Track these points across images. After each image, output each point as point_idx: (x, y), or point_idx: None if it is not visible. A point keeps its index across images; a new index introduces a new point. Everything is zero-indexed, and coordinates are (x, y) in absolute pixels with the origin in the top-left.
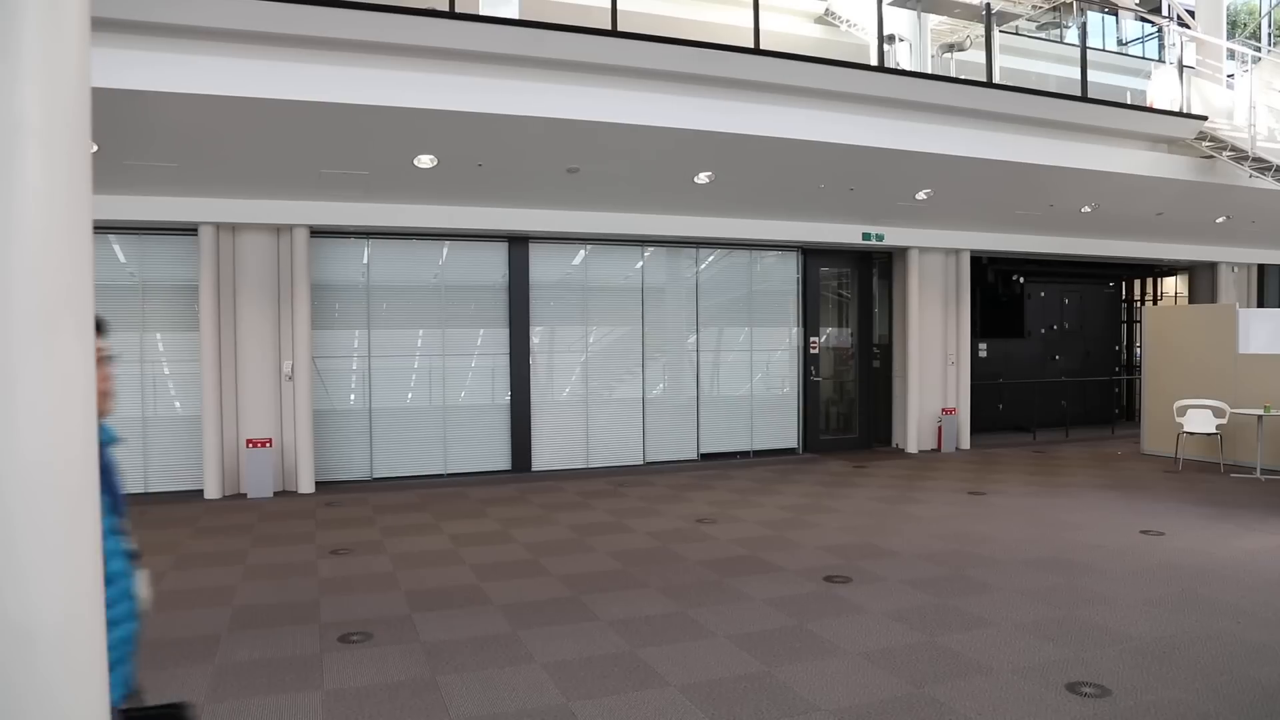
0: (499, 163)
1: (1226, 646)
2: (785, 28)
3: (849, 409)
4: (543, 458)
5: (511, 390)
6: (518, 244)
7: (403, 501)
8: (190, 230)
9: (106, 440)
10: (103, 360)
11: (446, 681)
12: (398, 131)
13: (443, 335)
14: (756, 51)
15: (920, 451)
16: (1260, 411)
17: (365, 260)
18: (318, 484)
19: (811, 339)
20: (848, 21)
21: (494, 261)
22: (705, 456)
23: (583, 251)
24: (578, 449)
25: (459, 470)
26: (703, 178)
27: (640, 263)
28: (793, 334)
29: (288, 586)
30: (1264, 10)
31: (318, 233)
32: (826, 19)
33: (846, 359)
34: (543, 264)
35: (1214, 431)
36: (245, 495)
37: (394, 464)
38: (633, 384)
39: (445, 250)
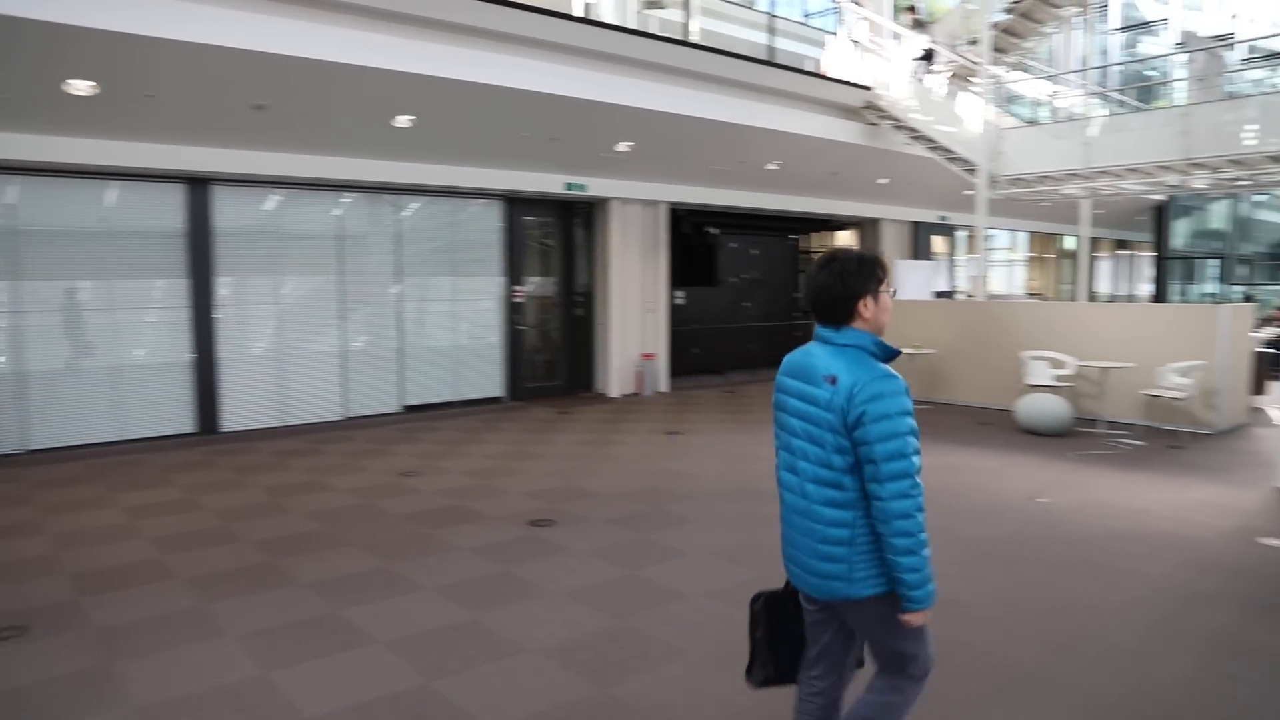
0: (172, 95)
1: None
2: None
3: (553, 357)
4: (233, 417)
5: (195, 346)
6: (198, 186)
7: (68, 474)
8: None
9: None
10: None
11: (124, 669)
12: (40, 50)
13: (111, 287)
14: None
15: (622, 396)
16: (911, 350)
17: (13, 201)
18: None
19: (516, 288)
20: None
21: (171, 205)
22: (410, 409)
23: (275, 196)
24: (272, 406)
25: (136, 436)
26: (403, 121)
27: (339, 209)
28: (498, 283)
29: None
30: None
31: None
32: None
33: (551, 308)
34: (229, 209)
35: None
36: None
37: (56, 433)
38: (332, 336)
39: (114, 191)
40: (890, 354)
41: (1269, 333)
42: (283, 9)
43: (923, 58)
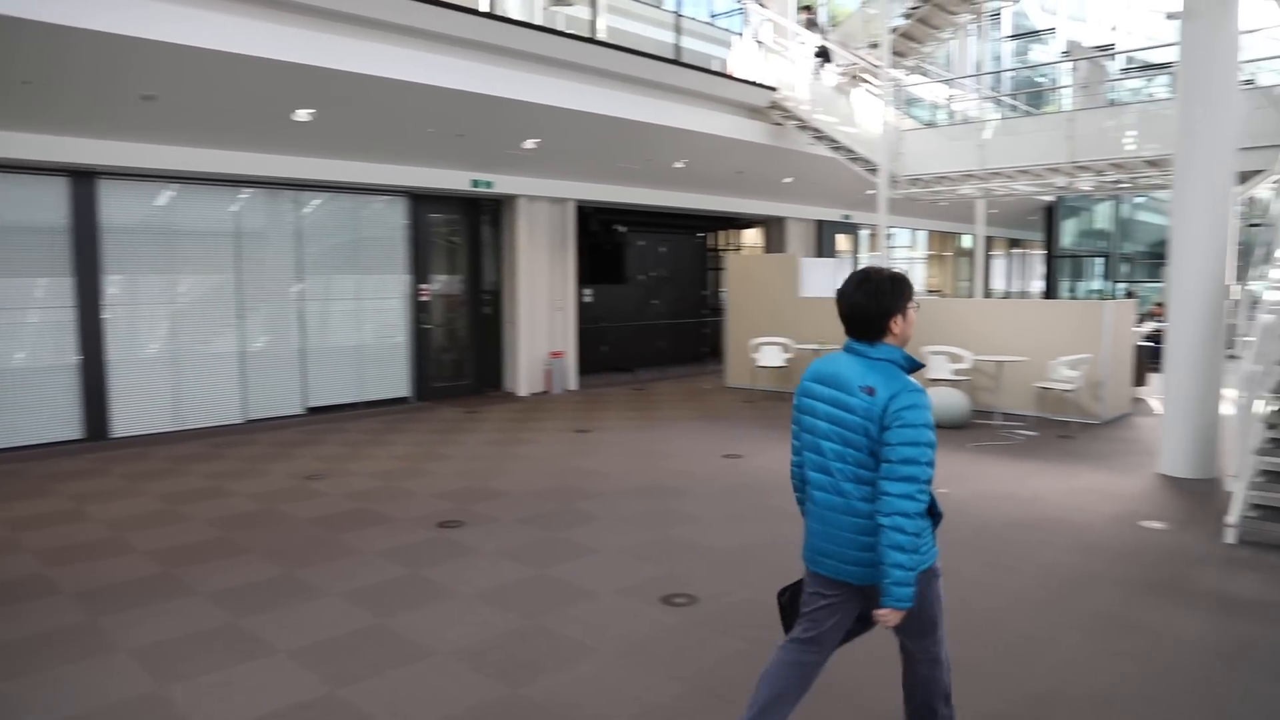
0: (52, 83)
1: (790, 547)
2: None
3: (461, 356)
4: (125, 422)
5: (81, 348)
6: (83, 180)
7: None
8: None
9: None
10: None
11: (4, 691)
12: None
13: None
14: None
15: (531, 394)
16: (817, 345)
17: None
18: None
19: (422, 286)
20: None
21: (53, 200)
22: (314, 410)
23: (168, 191)
24: (167, 410)
25: (16, 444)
26: (303, 115)
27: (236, 205)
28: (403, 281)
29: None
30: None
31: None
32: None
33: (458, 306)
34: (117, 204)
35: (783, 365)
36: None
37: None
38: (231, 336)
39: None
40: (915, 366)
41: (1149, 327)
42: None
43: (818, 55)
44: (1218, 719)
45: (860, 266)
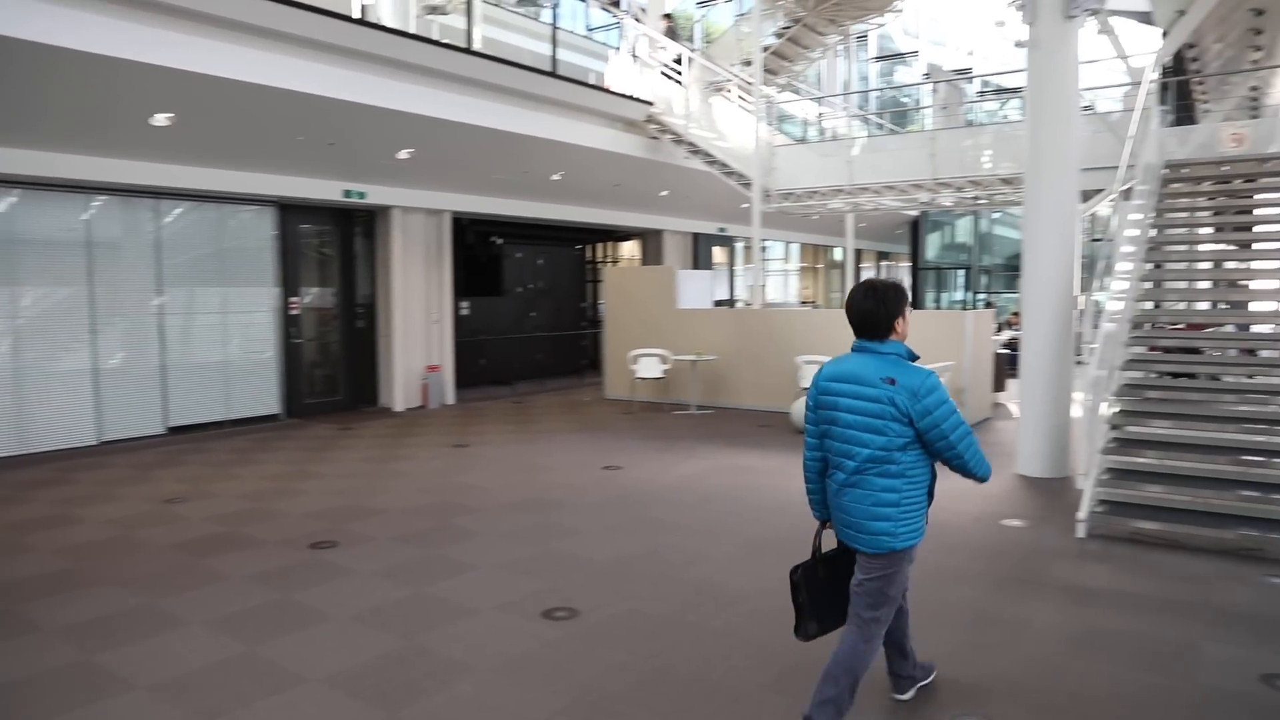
0: None
1: (669, 557)
2: None
3: (334, 370)
4: None
5: None
6: None
7: None
8: None
9: None
10: None
11: None
12: None
13: None
14: None
15: (407, 410)
16: (694, 357)
17: None
18: None
19: (292, 299)
20: None
21: None
22: (175, 430)
23: (9, 197)
24: (9, 433)
25: None
26: (161, 119)
27: (88, 214)
28: (272, 294)
29: None
30: (697, 17)
31: None
32: None
33: (330, 319)
34: None
35: (660, 376)
36: None
37: None
38: (82, 353)
39: None
40: (914, 356)
41: (1006, 336)
42: None
43: (676, 61)
44: (1070, 701)
45: (864, 278)
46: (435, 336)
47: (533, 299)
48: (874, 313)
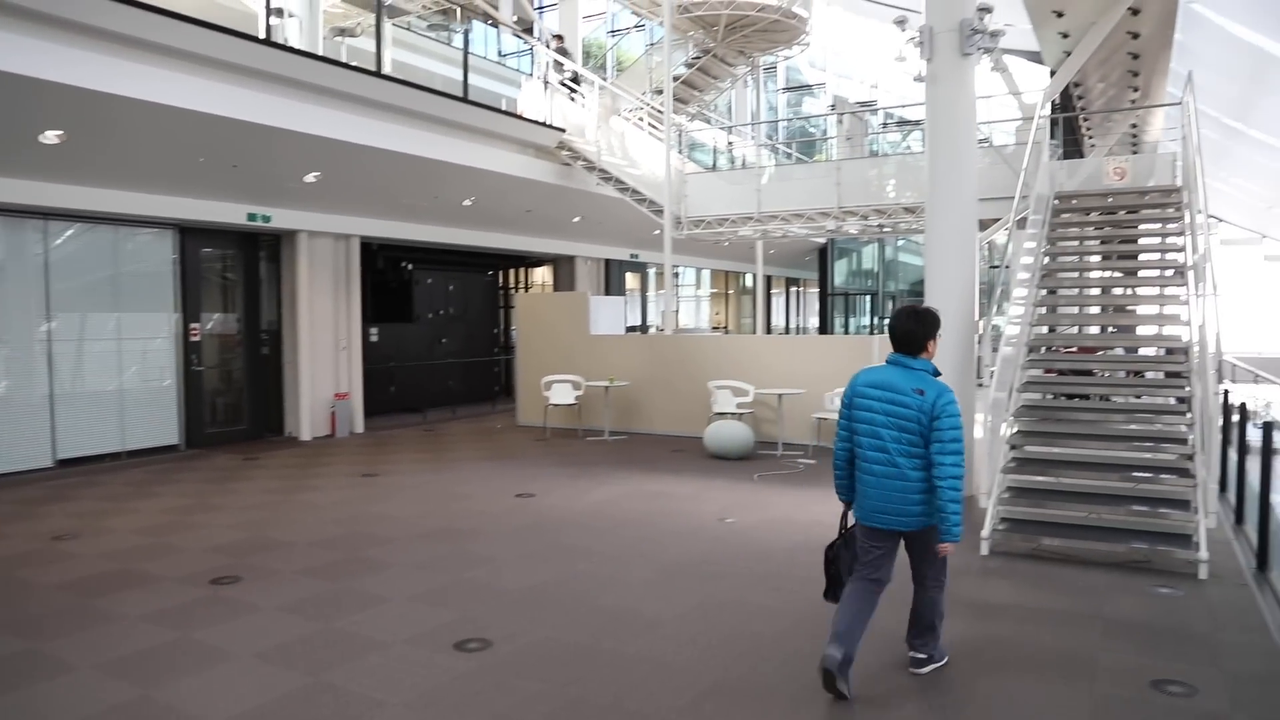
0: None
1: (583, 583)
2: None
3: (237, 399)
4: None
5: None
6: None
7: None
8: None
9: None
10: None
11: None
12: None
13: None
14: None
15: (314, 438)
16: (606, 383)
17: None
18: None
19: (193, 325)
20: None
21: None
22: (65, 462)
23: None
24: None
25: None
26: (51, 137)
27: None
28: (171, 320)
29: None
30: (609, 46)
31: None
32: None
33: (234, 346)
34: None
35: (573, 402)
36: None
37: None
38: None
39: None
40: (937, 372)
41: None
42: None
43: (571, 79)
44: (977, 713)
45: (908, 304)
46: (344, 363)
47: (444, 325)
48: (914, 332)
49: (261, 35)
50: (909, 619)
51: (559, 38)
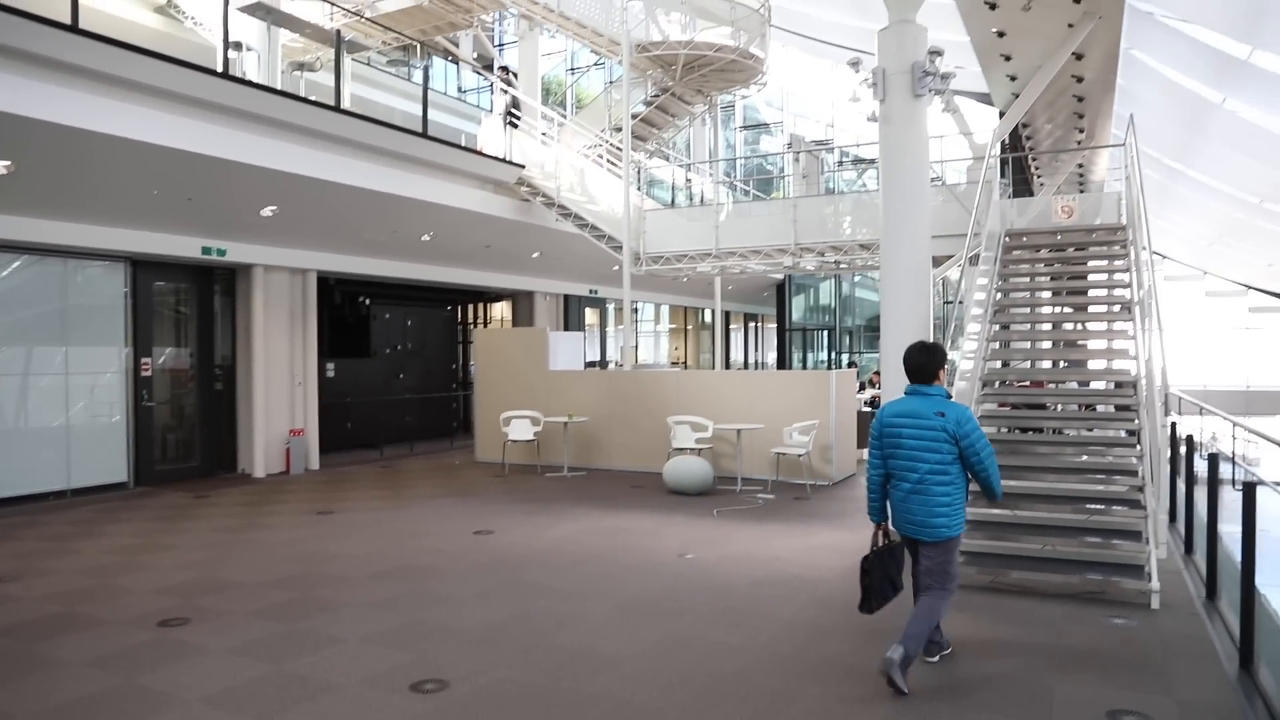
0: None
1: (541, 621)
2: (117, 9)
3: (190, 435)
4: None
5: None
6: None
7: None
8: None
9: None
10: None
11: None
12: None
13: None
14: (74, 29)
15: (268, 475)
16: (565, 419)
17: None
18: None
19: (144, 360)
20: (193, 19)
21: None
22: (6, 501)
23: None
24: None
25: None
26: None
27: None
28: (122, 354)
29: None
30: (569, 84)
31: None
32: (169, 11)
33: (186, 381)
34: None
35: (532, 438)
36: None
37: None
38: None
39: None
40: (947, 395)
41: (869, 394)
42: None
43: (510, 108)
44: None
45: (919, 339)
46: (299, 399)
47: (402, 360)
48: (926, 365)
49: (219, 69)
50: (909, 621)
51: (504, 69)
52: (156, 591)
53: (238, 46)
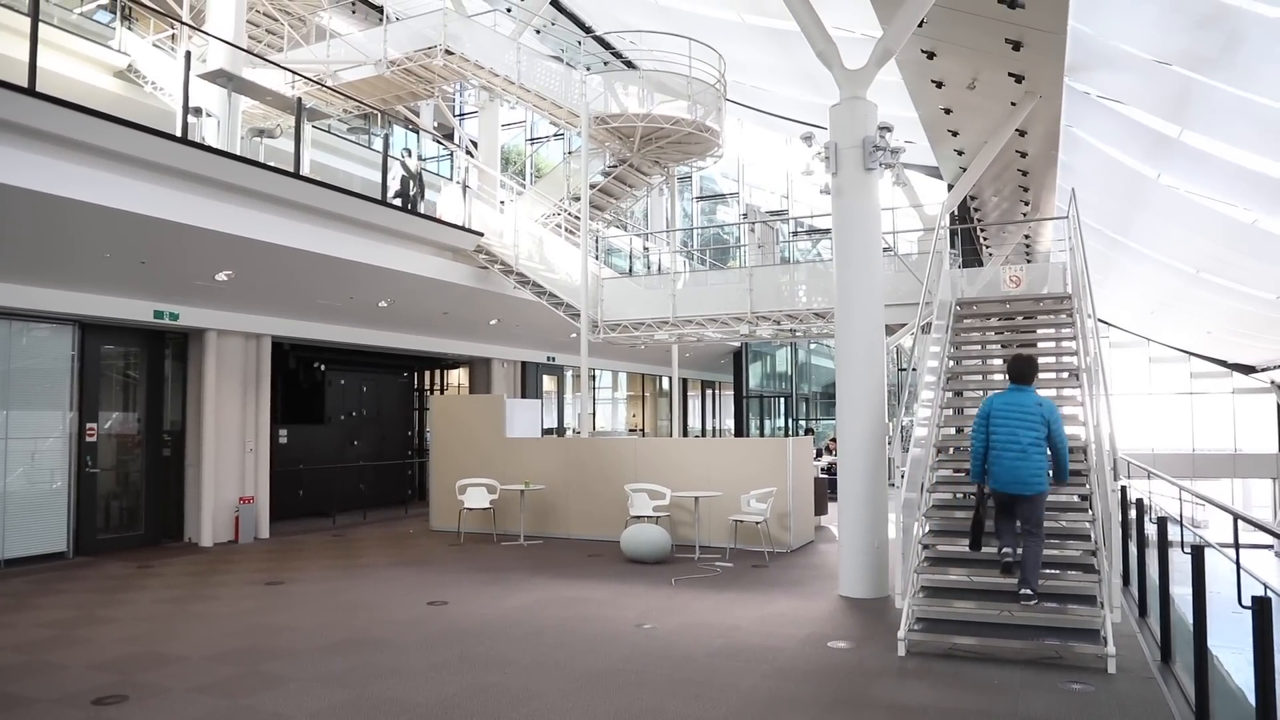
0: None
1: (495, 697)
2: (77, 74)
3: (135, 502)
4: None
5: None
6: None
7: None
8: None
9: None
10: None
11: None
12: None
13: None
14: (30, 92)
15: (216, 544)
16: (522, 487)
17: None
18: None
19: (89, 425)
20: (153, 83)
21: None
22: None
23: None
24: None
25: None
26: None
27: None
28: (67, 419)
29: None
30: (528, 153)
31: None
32: (129, 76)
33: (133, 447)
34: None
35: (488, 506)
36: None
37: None
38: None
39: None
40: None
41: (825, 460)
42: None
43: (407, 178)
44: None
45: (1019, 351)
46: (250, 465)
47: (357, 427)
48: (1026, 372)
49: (179, 133)
50: (1022, 565)
51: (407, 150)
52: (92, 667)
53: (198, 112)
